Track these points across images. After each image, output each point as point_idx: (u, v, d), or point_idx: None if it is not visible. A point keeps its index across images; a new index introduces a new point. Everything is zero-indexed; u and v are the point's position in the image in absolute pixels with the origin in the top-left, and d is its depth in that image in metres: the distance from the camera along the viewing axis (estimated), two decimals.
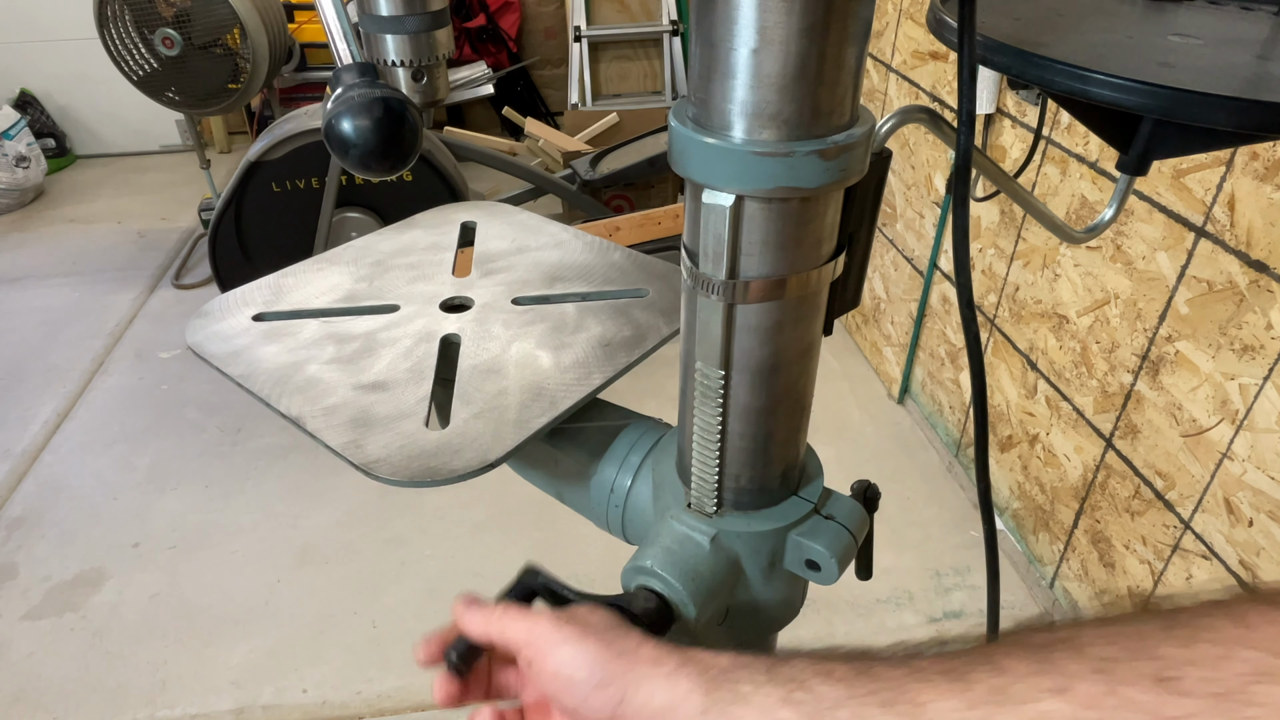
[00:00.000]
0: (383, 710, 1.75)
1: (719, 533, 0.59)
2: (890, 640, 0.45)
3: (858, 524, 0.60)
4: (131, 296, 3.28)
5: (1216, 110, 0.47)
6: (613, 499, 0.69)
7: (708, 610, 0.57)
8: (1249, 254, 1.33)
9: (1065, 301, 1.78)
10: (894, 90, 2.43)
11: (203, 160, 3.27)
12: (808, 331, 0.54)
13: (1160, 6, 0.66)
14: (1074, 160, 1.71)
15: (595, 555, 2.03)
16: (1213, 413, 1.43)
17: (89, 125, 4.59)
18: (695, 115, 0.47)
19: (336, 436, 0.65)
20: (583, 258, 0.92)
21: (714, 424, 0.56)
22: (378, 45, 0.77)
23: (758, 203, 0.47)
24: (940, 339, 2.34)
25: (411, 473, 0.62)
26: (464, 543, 2.13)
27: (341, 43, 0.72)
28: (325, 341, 0.78)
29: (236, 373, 0.73)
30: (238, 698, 1.77)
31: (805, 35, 0.42)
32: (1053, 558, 1.95)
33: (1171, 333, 1.50)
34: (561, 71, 4.63)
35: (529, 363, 0.74)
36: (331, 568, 2.08)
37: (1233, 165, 1.35)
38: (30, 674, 1.83)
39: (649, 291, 0.85)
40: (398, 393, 0.70)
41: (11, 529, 2.21)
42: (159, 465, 2.42)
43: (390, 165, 0.72)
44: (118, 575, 2.07)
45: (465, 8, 4.36)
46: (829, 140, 0.45)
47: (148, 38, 2.67)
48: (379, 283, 0.88)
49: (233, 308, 0.83)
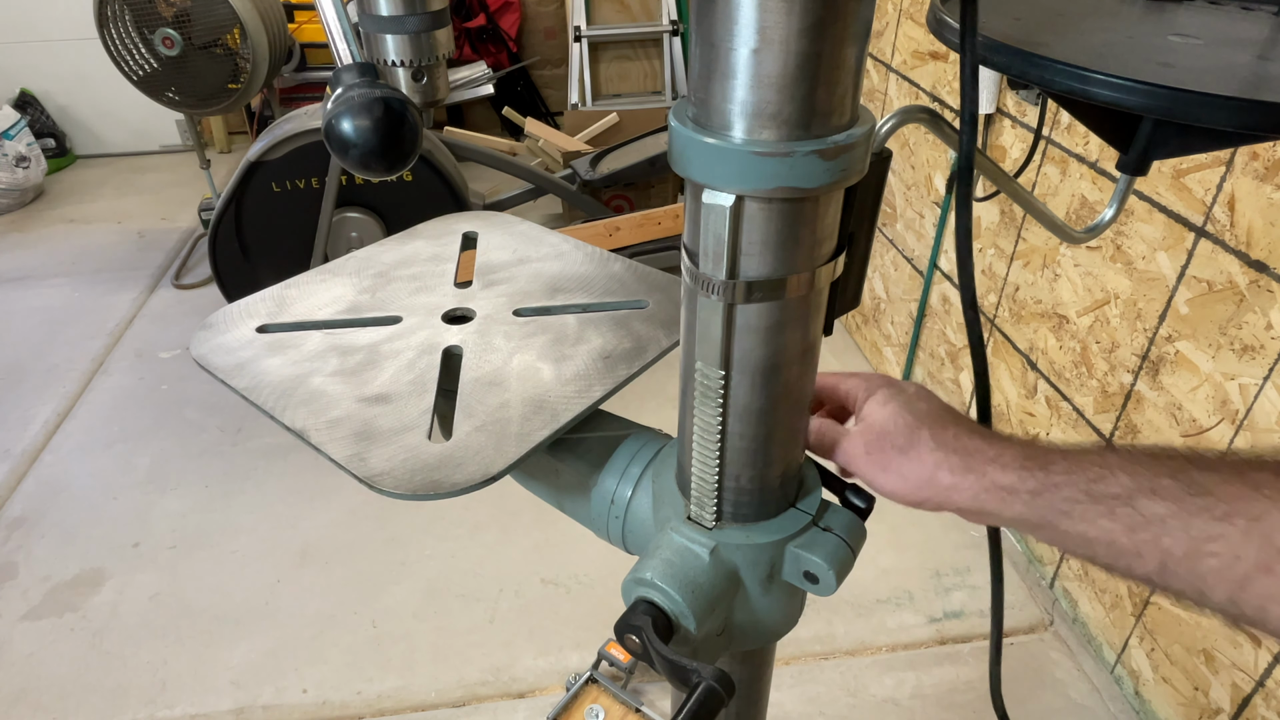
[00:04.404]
0: (383, 710, 1.75)
1: (718, 545, 0.59)
2: (889, 640, 0.46)
3: (855, 536, 0.61)
4: (131, 296, 3.28)
5: (1216, 110, 0.47)
6: (613, 510, 0.69)
7: (707, 622, 0.57)
8: (1249, 254, 1.33)
9: (1065, 301, 1.78)
10: (894, 90, 2.43)
11: (203, 160, 3.27)
12: (808, 331, 0.54)
13: (1160, 6, 0.66)
14: (1074, 160, 1.71)
15: (595, 555, 2.03)
16: (1213, 413, 1.43)
17: (89, 125, 4.59)
18: (695, 115, 0.47)
19: (340, 450, 0.66)
20: (583, 269, 0.92)
21: (714, 424, 0.56)
22: (378, 45, 0.77)
23: (758, 203, 0.47)
24: (940, 339, 2.34)
25: (415, 486, 0.62)
26: (464, 543, 2.13)
27: (341, 43, 0.72)
28: (329, 354, 0.78)
29: (241, 385, 0.73)
30: (238, 698, 1.77)
31: (805, 35, 0.42)
32: (1053, 558, 1.95)
33: (1171, 333, 1.50)
34: (561, 71, 4.63)
35: (530, 375, 0.74)
36: (331, 568, 2.08)
37: (1233, 165, 1.35)
38: (30, 674, 1.83)
39: (649, 303, 0.85)
40: (401, 405, 0.71)
41: (11, 529, 2.21)
42: (159, 465, 2.42)
43: (390, 165, 0.72)
44: (118, 575, 2.07)
45: (465, 8, 4.36)
46: (829, 140, 0.45)
47: (148, 38, 2.67)
48: (381, 294, 0.88)
49: (237, 319, 0.83)
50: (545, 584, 2.02)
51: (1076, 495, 0.47)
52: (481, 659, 1.84)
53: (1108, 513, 0.46)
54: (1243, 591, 0.42)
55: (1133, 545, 0.45)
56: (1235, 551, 0.42)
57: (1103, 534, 0.46)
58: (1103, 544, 0.47)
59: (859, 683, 1.79)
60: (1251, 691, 1.41)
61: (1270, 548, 0.41)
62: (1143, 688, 1.67)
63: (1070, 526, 0.48)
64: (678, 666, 0.53)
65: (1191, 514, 0.43)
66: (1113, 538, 0.46)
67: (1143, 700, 1.67)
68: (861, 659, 1.83)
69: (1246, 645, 1.41)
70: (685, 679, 0.52)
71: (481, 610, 1.95)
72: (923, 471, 0.54)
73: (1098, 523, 0.46)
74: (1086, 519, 0.47)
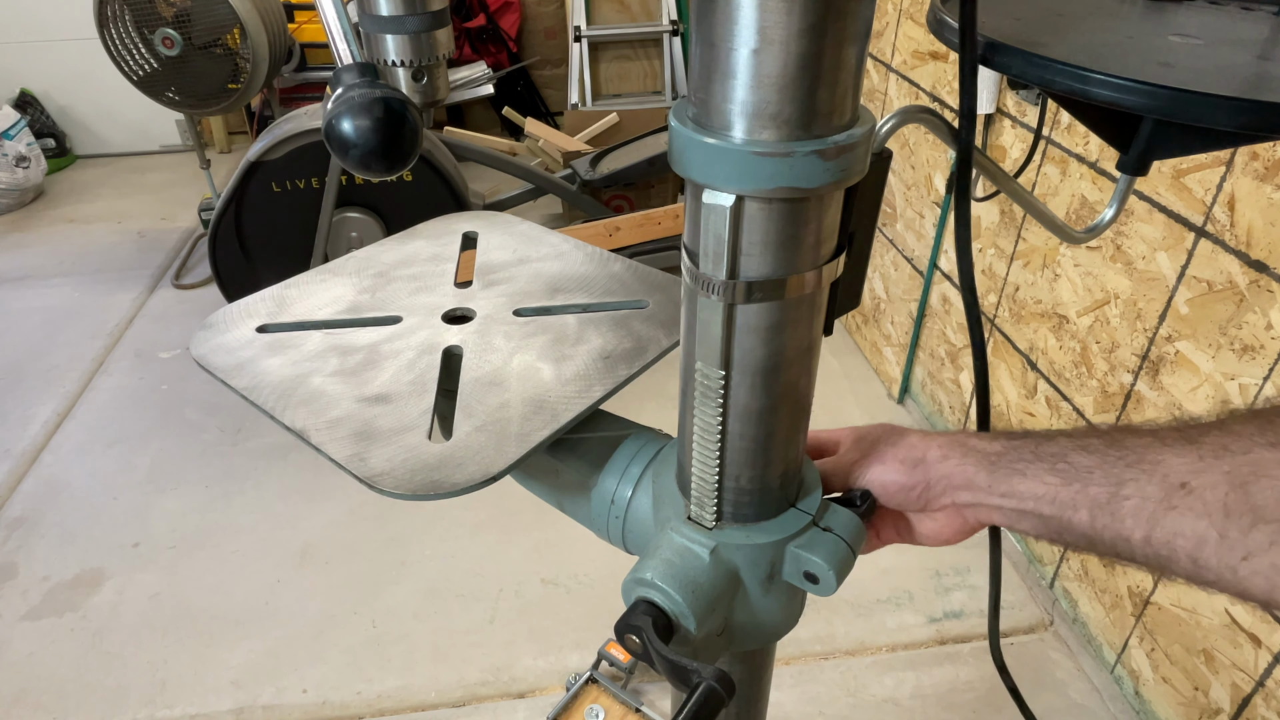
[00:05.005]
0: (383, 710, 1.75)
1: (718, 545, 0.59)
2: (889, 640, 0.47)
3: (855, 536, 0.61)
4: (131, 296, 3.28)
5: (1216, 110, 0.47)
6: (613, 510, 0.69)
7: (707, 622, 0.57)
8: (1249, 254, 1.33)
9: (1065, 301, 1.78)
10: (894, 90, 2.44)
11: (203, 160, 3.27)
12: (808, 331, 0.54)
13: (1160, 6, 0.66)
14: (1074, 160, 1.71)
15: (595, 555, 2.03)
16: (1213, 413, 1.43)
17: (89, 125, 4.59)
18: (695, 115, 0.47)
19: (340, 450, 0.66)
20: (583, 269, 0.92)
21: (714, 425, 0.56)
22: (378, 45, 0.77)
23: (758, 203, 0.47)
24: (940, 339, 2.34)
25: (415, 486, 0.62)
26: (464, 543, 2.13)
27: (341, 43, 0.72)
28: (329, 354, 0.78)
29: (241, 385, 0.73)
30: (238, 698, 1.77)
31: (805, 35, 0.42)
32: (1053, 558, 1.95)
33: (1171, 333, 1.50)
34: (561, 71, 4.63)
35: (530, 375, 0.74)
36: (331, 568, 2.08)
37: (1233, 165, 1.35)
38: (30, 674, 1.84)
39: (649, 303, 0.85)
40: (401, 405, 0.71)
41: (11, 529, 2.21)
42: (159, 465, 2.42)
43: (390, 165, 0.72)
44: (118, 575, 2.07)
45: (465, 8, 4.36)
46: (829, 140, 0.45)
47: (148, 38, 2.67)
48: (381, 294, 0.88)
49: (237, 319, 0.83)
50: (545, 584, 2.02)
51: (1026, 455, 0.55)
52: (481, 659, 1.84)
53: (1049, 469, 0.54)
54: (1154, 530, 0.49)
55: (1069, 497, 0.52)
56: (1143, 493, 0.49)
57: (1047, 490, 0.54)
58: (1047, 500, 0.54)
59: (859, 683, 1.79)
60: (1251, 691, 1.41)
61: (1168, 485, 0.48)
62: (1143, 688, 1.67)
63: (1024, 486, 0.55)
64: (678, 667, 0.53)
65: (1111, 464, 0.51)
66: (1055, 493, 0.53)
67: (1143, 700, 1.67)
68: (861, 659, 1.83)
69: (1247, 645, 1.41)
70: (685, 679, 0.52)
71: (481, 610, 1.95)
72: (915, 453, 0.61)
73: (1043, 478, 0.54)
74: (1035, 475, 0.54)
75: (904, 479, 0.60)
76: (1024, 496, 0.55)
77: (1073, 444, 0.54)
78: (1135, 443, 0.51)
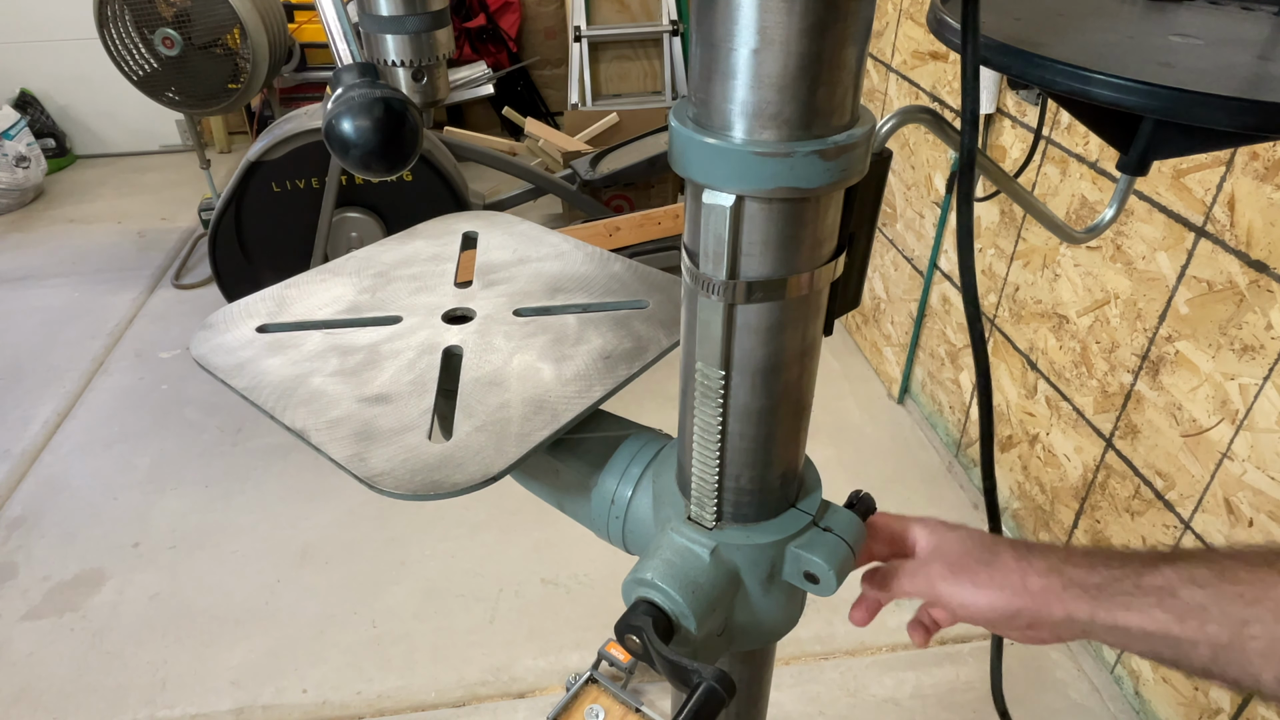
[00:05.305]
0: (383, 710, 1.75)
1: (719, 545, 0.59)
2: (889, 640, 0.47)
3: (855, 536, 0.61)
4: (131, 296, 3.28)
5: (1216, 110, 0.47)
6: (613, 510, 0.69)
7: (707, 622, 0.57)
8: (1249, 254, 1.33)
9: (1065, 301, 1.78)
10: (894, 90, 2.43)
11: (203, 160, 3.27)
12: (808, 332, 0.54)
13: (1160, 6, 0.66)
14: (1074, 160, 1.71)
15: (595, 555, 2.03)
16: (1213, 413, 1.43)
17: (89, 125, 4.59)
18: (696, 115, 0.47)
19: (341, 450, 0.66)
20: (583, 269, 0.92)
21: (714, 424, 0.56)
22: (378, 45, 0.77)
23: (758, 203, 0.47)
24: (940, 339, 2.34)
25: (415, 486, 0.62)
26: (464, 543, 2.13)
27: (341, 43, 0.72)
28: (329, 353, 0.78)
29: (241, 385, 0.73)
30: (238, 698, 1.77)
31: (805, 35, 0.42)
32: None
33: (1171, 333, 1.50)
34: (561, 71, 4.63)
35: (530, 375, 0.74)
36: (331, 568, 2.08)
37: (1233, 165, 1.35)
38: (30, 674, 1.83)
39: (649, 303, 0.85)
40: (401, 405, 0.71)
41: (11, 529, 2.21)
42: (159, 465, 2.42)
43: (390, 165, 0.72)
44: (118, 575, 2.07)
45: (465, 8, 4.36)
46: (829, 140, 0.45)
47: (148, 38, 2.67)
48: (382, 294, 0.88)
49: (237, 319, 0.83)
50: (545, 584, 2.02)
51: (1129, 588, 0.53)
52: (481, 659, 1.84)
53: (1157, 604, 0.51)
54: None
55: (1185, 634, 0.50)
56: (1272, 634, 0.47)
57: (1159, 626, 0.51)
58: (1159, 636, 0.51)
59: (859, 683, 1.79)
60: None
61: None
62: (1143, 688, 1.67)
63: (1130, 620, 0.52)
64: (678, 667, 0.53)
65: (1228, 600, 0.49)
66: (1167, 629, 0.51)
67: (1143, 700, 1.67)
68: (861, 659, 1.83)
69: None
70: (686, 679, 0.52)
71: (481, 610, 1.95)
72: (1013, 578, 0.57)
73: (1151, 613, 0.51)
74: (1142, 609, 0.52)
75: (1003, 606, 0.57)
76: (1133, 634, 0.53)
77: (1179, 576, 0.51)
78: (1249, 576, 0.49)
